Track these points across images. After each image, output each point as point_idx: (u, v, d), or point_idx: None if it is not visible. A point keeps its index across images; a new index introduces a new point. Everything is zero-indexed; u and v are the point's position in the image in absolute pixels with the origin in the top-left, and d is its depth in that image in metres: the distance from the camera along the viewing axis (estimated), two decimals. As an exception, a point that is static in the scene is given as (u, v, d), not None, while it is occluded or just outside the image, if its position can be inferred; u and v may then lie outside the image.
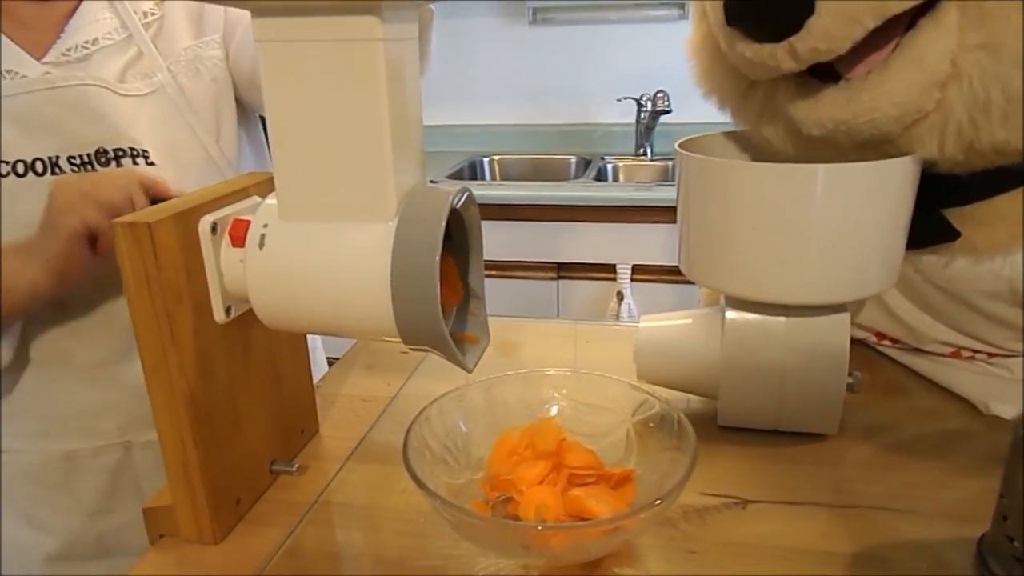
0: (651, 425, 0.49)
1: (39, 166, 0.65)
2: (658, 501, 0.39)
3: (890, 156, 0.49)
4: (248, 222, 0.43)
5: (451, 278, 0.46)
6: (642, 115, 1.99)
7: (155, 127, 0.70)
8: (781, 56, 0.47)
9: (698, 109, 0.69)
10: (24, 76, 0.65)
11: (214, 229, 0.44)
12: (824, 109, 0.49)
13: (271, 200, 0.43)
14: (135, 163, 0.68)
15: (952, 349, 0.63)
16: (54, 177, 0.64)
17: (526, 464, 0.46)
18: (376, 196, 0.39)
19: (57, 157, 0.65)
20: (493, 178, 2.14)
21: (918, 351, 0.66)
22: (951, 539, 0.46)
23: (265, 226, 0.42)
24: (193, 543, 0.48)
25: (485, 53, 2.11)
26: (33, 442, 0.72)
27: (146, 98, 0.70)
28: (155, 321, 0.42)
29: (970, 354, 0.63)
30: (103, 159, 0.67)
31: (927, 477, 0.53)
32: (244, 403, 0.49)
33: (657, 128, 1.99)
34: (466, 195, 0.42)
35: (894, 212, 0.50)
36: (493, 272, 1.76)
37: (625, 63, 2.03)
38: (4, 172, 0.64)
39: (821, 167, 0.46)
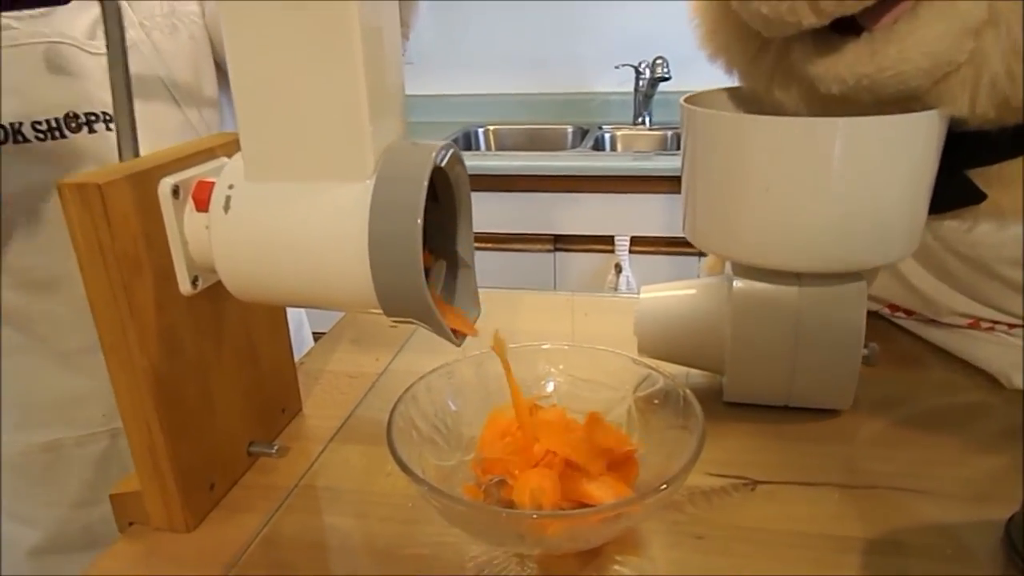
0: (655, 402, 0.45)
1: None
2: (664, 486, 0.36)
3: (915, 112, 0.45)
4: (213, 184, 0.39)
5: None
6: (640, 83, 1.94)
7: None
8: (802, 11, 0.43)
9: (699, 76, 0.65)
10: None
11: (175, 192, 0.40)
12: (846, 64, 0.45)
13: (237, 160, 0.39)
14: (108, 129, 0.64)
15: (971, 320, 0.60)
16: None
17: (520, 444, 0.43)
18: (351, 152, 0.35)
19: (20, 124, 0.61)
20: (488, 148, 2.09)
21: (934, 323, 0.63)
22: (974, 521, 0.44)
23: (230, 187, 0.38)
24: (164, 531, 0.44)
25: (479, 20, 2.05)
26: (12, 434, 0.69)
27: None
28: (111, 294, 0.38)
29: (989, 325, 0.59)
30: (73, 124, 0.62)
31: (945, 454, 0.50)
32: (216, 381, 0.46)
33: (656, 96, 1.94)
34: (451, 152, 0.38)
35: (919, 171, 0.46)
36: (488, 245, 1.72)
37: (623, 29, 1.97)
38: None
39: (841, 120, 0.43)
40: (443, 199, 0.42)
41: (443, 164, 0.38)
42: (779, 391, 0.53)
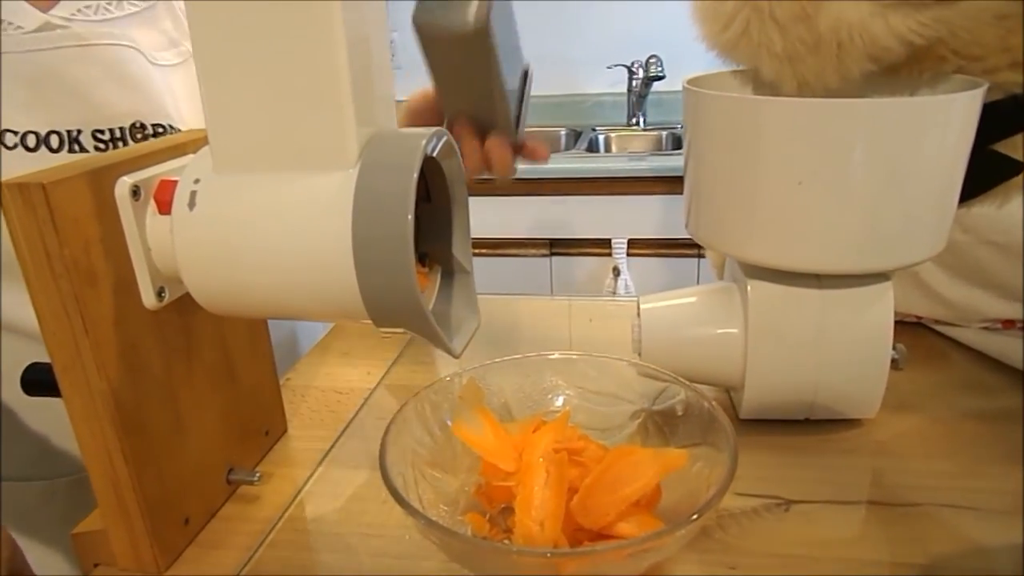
0: (678, 415, 0.41)
1: (54, 140, 0.53)
2: (695, 515, 0.31)
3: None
4: (178, 183, 0.35)
5: None
6: (633, 83, 1.90)
7: (187, 106, 0.59)
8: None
9: (695, 73, 0.60)
10: (30, 31, 0.52)
11: (135, 193, 0.35)
12: None
13: (204, 153, 0.35)
14: None
15: (1004, 320, 0.56)
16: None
17: (527, 467, 0.38)
18: (332, 137, 0.31)
19: (79, 131, 0.53)
20: (479, 153, 2.04)
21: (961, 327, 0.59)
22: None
23: (196, 182, 0.34)
24: (132, 573, 0.40)
25: (467, 22, 2.01)
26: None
27: (175, 69, 0.59)
28: (62, 308, 0.34)
29: (1024, 323, 0.55)
30: (139, 135, 0.56)
31: (982, 465, 0.45)
32: (188, 403, 0.41)
33: (649, 96, 1.91)
34: (444, 140, 0.33)
35: (953, 157, 0.41)
36: (483, 250, 1.68)
37: (614, 28, 1.93)
38: (10, 144, 0.51)
39: (878, 101, 0.38)
40: (436, 198, 0.38)
41: (435, 153, 0.34)
42: (801, 404, 0.48)
